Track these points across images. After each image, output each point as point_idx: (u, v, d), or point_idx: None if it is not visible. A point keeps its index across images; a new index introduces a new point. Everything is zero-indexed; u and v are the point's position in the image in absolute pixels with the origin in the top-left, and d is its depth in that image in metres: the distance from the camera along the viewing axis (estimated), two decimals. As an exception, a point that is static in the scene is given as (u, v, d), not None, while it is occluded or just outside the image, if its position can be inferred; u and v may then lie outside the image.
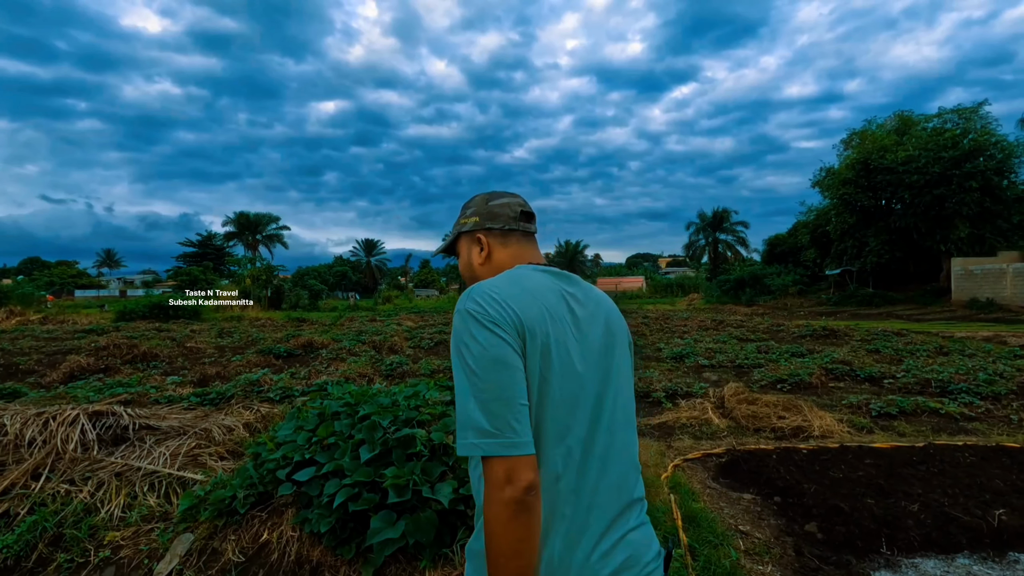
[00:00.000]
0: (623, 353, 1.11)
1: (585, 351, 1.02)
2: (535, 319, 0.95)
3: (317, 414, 2.56)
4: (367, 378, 7.60)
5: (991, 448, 4.27)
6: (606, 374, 1.04)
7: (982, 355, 10.31)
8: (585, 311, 1.06)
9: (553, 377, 0.95)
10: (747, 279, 35.08)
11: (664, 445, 4.59)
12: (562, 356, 0.97)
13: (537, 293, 1.00)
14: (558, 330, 0.98)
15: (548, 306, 0.99)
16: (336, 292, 65.79)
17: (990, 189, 24.93)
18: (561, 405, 0.95)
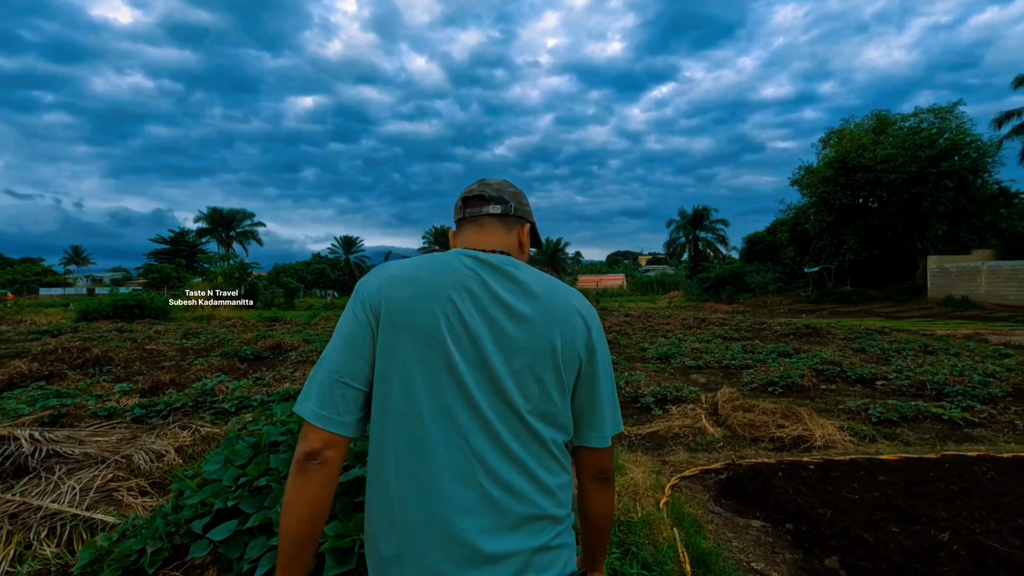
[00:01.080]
0: (544, 348, 0.94)
1: (472, 341, 0.92)
2: (395, 302, 0.92)
3: (252, 444, 2.10)
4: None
5: (1008, 461, 3.97)
6: (494, 382, 0.92)
7: (968, 354, 10.19)
8: (507, 294, 0.95)
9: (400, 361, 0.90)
10: (727, 277, 35.16)
11: (658, 460, 4.20)
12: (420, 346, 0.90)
13: (431, 274, 0.95)
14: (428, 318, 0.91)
15: (428, 291, 0.93)
16: (314, 290, 64.61)
17: (965, 188, 25.22)
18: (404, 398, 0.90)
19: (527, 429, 0.93)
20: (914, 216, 26.24)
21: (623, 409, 6.11)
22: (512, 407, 0.92)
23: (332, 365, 0.92)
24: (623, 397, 6.39)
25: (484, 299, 0.94)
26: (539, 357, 0.94)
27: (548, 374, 0.95)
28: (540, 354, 0.94)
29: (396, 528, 0.89)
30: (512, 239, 1.11)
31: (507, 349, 0.93)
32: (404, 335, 0.90)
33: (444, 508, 0.88)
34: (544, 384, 0.94)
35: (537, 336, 0.94)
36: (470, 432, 0.90)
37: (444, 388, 0.90)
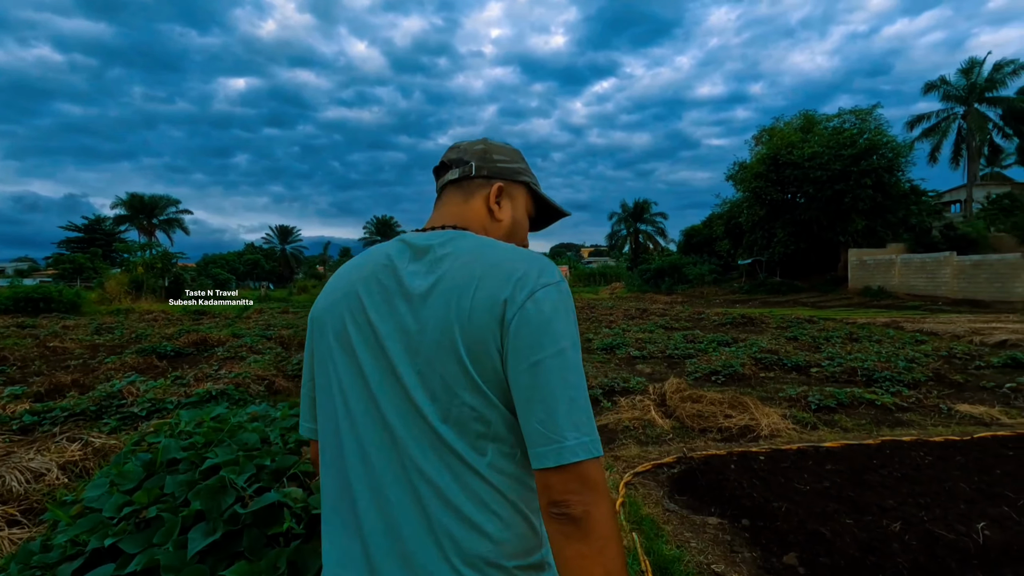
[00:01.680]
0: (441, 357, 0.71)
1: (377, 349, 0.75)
2: (325, 306, 0.83)
3: (145, 462, 1.73)
4: (267, 381, 6.58)
5: (941, 445, 4.09)
6: (399, 386, 0.73)
7: (888, 341, 10.81)
8: (406, 296, 0.75)
9: (320, 371, 0.82)
10: (667, 269, 36.21)
11: (610, 456, 4.06)
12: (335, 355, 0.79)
13: (352, 273, 0.83)
14: (344, 318, 0.79)
15: (349, 289, 0.81)
16: (247, 282, 61.57)
17: (882, 186, 26.99)
18: (324, 408, 0.81)
19: (443, 444, 0.71)
20: (837, 211, 27.84)
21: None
22: (421, 415, 0.71)
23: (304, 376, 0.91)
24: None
25: (391, 289, 0.77)
26: (437, 347, 0.71)
27: (451, 367, 0.70)
28: (437, 344, 0.71)
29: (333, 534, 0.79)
30: (474, 207, 0.88)
31: (409, 344, 0.73)
32: (320, 342, 0.82)
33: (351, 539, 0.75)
34: (447, 382, 0.70)
35: (431, 320, 0.72)
36: (373, 449, 0.73)
37: (353, 398, 0.76)
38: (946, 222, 28.24)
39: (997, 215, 29.99)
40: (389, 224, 77.67)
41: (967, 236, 25.95)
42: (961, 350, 9.22)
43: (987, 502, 3.06)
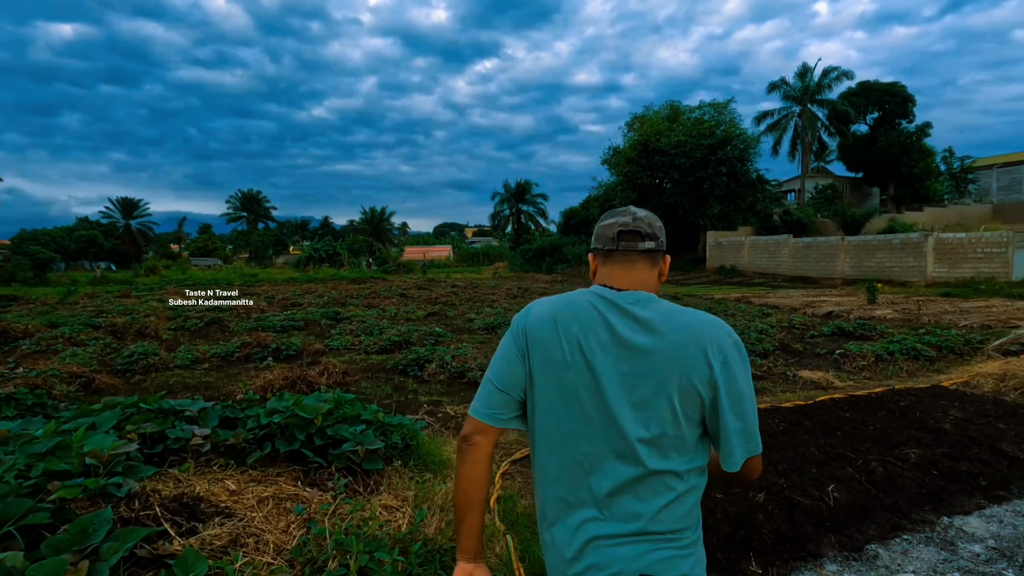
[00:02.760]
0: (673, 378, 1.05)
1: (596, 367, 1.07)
2: (546, 332, 1.12)
3: None
4: (83, 379, 5.48)
5: (791, 410, 4.40)
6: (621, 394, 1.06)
7: (741, 314, 11.90)
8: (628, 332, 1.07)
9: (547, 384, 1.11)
10: (547, 249, 37.23)
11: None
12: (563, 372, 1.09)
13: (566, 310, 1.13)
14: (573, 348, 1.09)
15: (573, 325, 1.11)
16: (81, 262, 53.32)
17: (735, 174, 29.84)
18: (548, 410, 1.11)
19: (634, 456, 1.05)
20: (697, 197, 30.34)
21: (450, 387, 5.71)
22: (623, 435, 1.05)
23: (491, 375, 1.17)
24: (449, 373, 5.97)
25: (606, 338, 1.08)
26: (656, 391, 1.05)
27: (664, 407, 1.04)
28: (657, 388, 1.04)
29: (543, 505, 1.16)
30: (655, 273, 1.19)
31: (625, 382, 1.06)
32: (544, 366, 1.11)
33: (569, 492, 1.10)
34: (660, 416, 1.05)
35: (654, 371, 1.05)
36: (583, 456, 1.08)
37: (569, 413, 1.09)
38: (784, 208, 32.08)
39: (822, 203, 34.73)
40: (255, 198, 71.34)
41: (800, 221, 29.71)
42: (799, 321, 10.36)
43: (834, 464, 3.27)
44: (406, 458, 2.50)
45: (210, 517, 1.56)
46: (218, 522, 1.54)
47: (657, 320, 1.06)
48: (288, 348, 7.70)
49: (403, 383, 5.86)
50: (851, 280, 20.77)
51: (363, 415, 2.49)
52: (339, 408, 2.44)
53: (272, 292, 19.29)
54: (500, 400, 1.13)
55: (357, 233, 59.24)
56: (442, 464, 2.71)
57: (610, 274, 1.16)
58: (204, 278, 30.48)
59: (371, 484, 2.12)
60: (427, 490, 2.04)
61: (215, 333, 9.96)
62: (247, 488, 1.81)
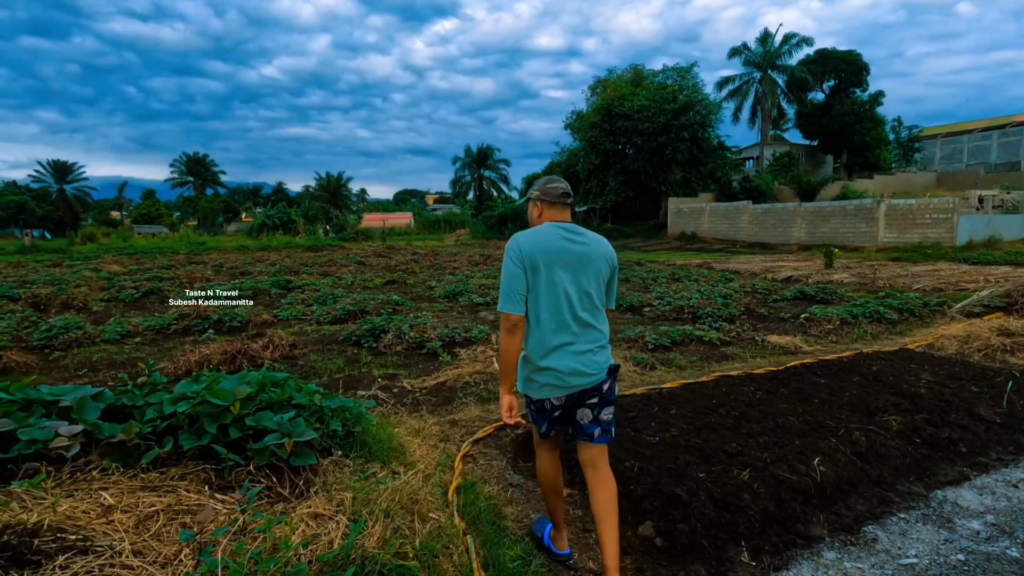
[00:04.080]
0: (598, 267, 2.05)
1: (568, 267, 2.00)
2: (533, 253, 1.97)
3: None
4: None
5: (765, 377, 4.23)
6: (581, 280, 2.02)
7: (704, 280, 11.87)
8: (577, 248, 2.03)
9: (539, 280, 1.97)
10: (509, 215, 36.64)
11: (447, 420, 3.50)
12: (547, 271, 1.97)
13: (543, 239, 2.00)
14: (549, 259, 1.98)
15: (548, 246, 1.99)
16: (11, 230, 49.63)
17: (696, 140, 29.81)
18: (549, 295, 1.98)
19: (592, 304, 2.05)
20: (660, 162, 30.25)
21: (408, 358, 5.32)
22: (588, 295, 2.03)
23: (513, 286, 1.95)
24: (406, 344, 5.58)
25: (571, 247, 2.01)
26: (594, 273, 2.04)
27: (596, 278, 2.05)
28: (594, 271, 2.04)
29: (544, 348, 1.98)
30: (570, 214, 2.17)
31: (580, 270, 2.01)
32: (539, 268, 1.97)
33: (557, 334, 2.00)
34: (598, 283, 2.06)
35: (591, 263, 2.03)
36: (567, 305, 2.00)
37: (556, 292, 1.98)
38: (744, 175, 32.38)
39: (779, 170, 35.22)
40: (203, 162, 67.40)
41: (759, 187, 30.05)
42: (761, 286, 10.38)
43: (816, 435, 3.08)
44: (348, 448, 2.12)
45: (52, 556, 1.15)
46: (62, 563, 1.12)
47: (587, 238, 2.05)
48: (232, 319, 7.12)
49: (357, 355, 5.44)
50: (807, 245, 21.19)
51: (296, 398, 2.08)
52: (265, 391, 2.03)
53: (221, 260, 18.20)
54: (521, 299, 1.94)
55: (313, 199, 57.04)
56: (393, 453, 2.36)
57: (555, 216, 2.09)
58: (147, 246, 28.67)
59: (300, 485, 1.74)
60: (369, 490, 1.69)
61: (152, 304, 9.21)
62: (132, 501, 1.40)
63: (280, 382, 2.18)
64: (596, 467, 2.03)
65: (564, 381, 1.95)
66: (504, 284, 1.95)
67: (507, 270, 1.95)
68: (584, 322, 1.99)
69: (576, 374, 1.95)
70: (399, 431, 2.81)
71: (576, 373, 1.95)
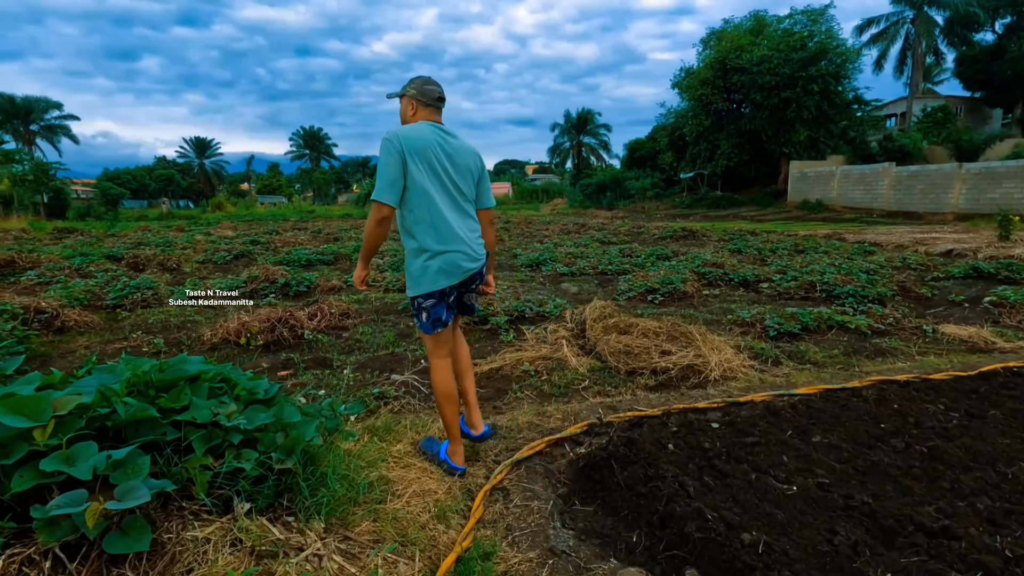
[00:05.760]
0: (467, 164, 2.19)
1: (446, 163, 2.11)
2: (413, 147, 2.04)
3: None
4: (46, 316, 4.73)
5: (952, 386, 2.91)
6: (453, 175, 2.14)
7: (836, 252, 9.95)
8: (450, 147, 2.14)
9: (420, 174, 2.05)
10: (608, 183, 34.83)
11: (488, 423, 2.64)
12: (427, 167, 2.06)
13: (421, 135, 2.07)
14: (429, 155, 2.06)
15: (425, 142, 2.07)
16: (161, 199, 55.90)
17: (828, 94, 25.98)
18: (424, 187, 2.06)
19: (465, 199, 2.20)
20: (781, 121, 26.81)
21: (466, 334, 4.55)
22: (461, 191, 2.17)
23: (391, 175, 2.00)
24: (475, 317, 4.80)
25: (444, 145, 2.12)
26: (466, 170, 2.18)
27: (469, 177, 2.21)
28: (465, 169, 2.18)
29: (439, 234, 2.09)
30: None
31: (455, 168, 2.13)
32: (419, 163, 2.04)
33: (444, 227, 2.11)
34: (469, 181, 2.20)
35: (464, 161, 2.17)
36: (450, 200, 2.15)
37: (438, 185, 2.10)
38: (885, 134, 27.88)
39: (931, 128, 29.97)
40: (317, 136, 71.49)
41: (904, 148, 25.66)
42: (915, 261, 8.38)
43: (1080, 502, 1.84)
44: (277, 493, 1.33)
45: None
46: None
47: (458, 137, 2.22)
48: (300, 283, 6.79)
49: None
50: (965, 215, 17.69)
51: (198, 408, 1.30)
52: (145, 393, 1.28)
53: (322, 227, 18.72)
54: (398, 191, 2.04)
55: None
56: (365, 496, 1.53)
57: (430, 117, 2.21)
58: (264, 214, 30.74)
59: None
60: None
61: (239, 267, 9.25)
62: None
63: (176, 382, 1.39)
64: (456, 331, 2.39)
65: (459, 267, 2.12)
66: (383, 175, 2.00)
67: (386, 162, 2.01)
68: (467, 213, 2.19)
69: (469, 259, 2.14)
70: (399, 447, 2.00)
71: (469, 259, 2.14)
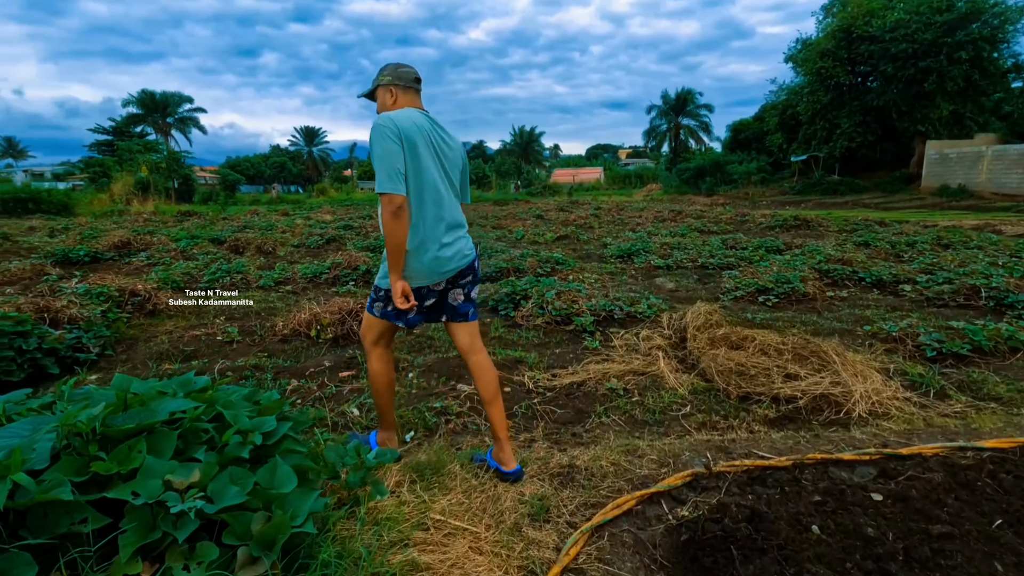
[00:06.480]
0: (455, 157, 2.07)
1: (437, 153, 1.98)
2: (410, 133, 1.87)
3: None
4: (140, 299, 4.86)
5: None
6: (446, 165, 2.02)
7: (993, 248, 8.32)
8: (442, 136, 2.01)
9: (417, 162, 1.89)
10: (708, 167, 32.59)
11: (554, 469, 2.14)
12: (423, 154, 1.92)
13: (415, 121, 1.92)
14: (423, 141, 1.92)
15: (421, 128, 1.93)
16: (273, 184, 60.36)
17: (979, 61, 22.34)
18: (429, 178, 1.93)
19: (455, 191, 2.08)
20: (918, 95, 23.47)
21: (547, 335, 4.06)
22: (452, 182, 2.05)
23: (395, 164, 1.83)
24: (548, 316, 4.32)
25: (438, 134, 2.00)
26: (454, 160, 2.06)
27: (457, 170, 2.08)
28: (456, 160, 2.07)
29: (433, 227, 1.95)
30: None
31: (446, 156, 2.02)
32: (418, 151, 1.90)
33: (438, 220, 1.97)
34: (458, 171, 2.09)
35: (455, 156, 2.07)
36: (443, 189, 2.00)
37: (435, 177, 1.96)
38: (1053, 107, 23.58)
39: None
40: (413, 123, 73.59)
41: (1078, 123, 21.58)
42: (1109, 261, 6.73)
43: None
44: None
45: None
46: None
47: (446, 129, 2.07)
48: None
49: (487, 326, 4.35)
50: None
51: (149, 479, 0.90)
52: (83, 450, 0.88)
53: (411, 212, 19.00)
54: (402, 178, 1.85)
55: (507, 155, 58.51)
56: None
57: (413, 102, 2.06)
58: (363, 199, 32.05)
59: None
60: None
61: (328, 252, 9.40)
62: None
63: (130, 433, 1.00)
64: (476, 352, 2.11)
65: (446, 265, 1.97)
66: (384, 162, 1.83)
67: (384, 148, 1.84)
68: (455, 207, 2.06)
69: (459, 255, 2.01)
70: (443, 503, 1.56)
71: (458, 255, 2.01)
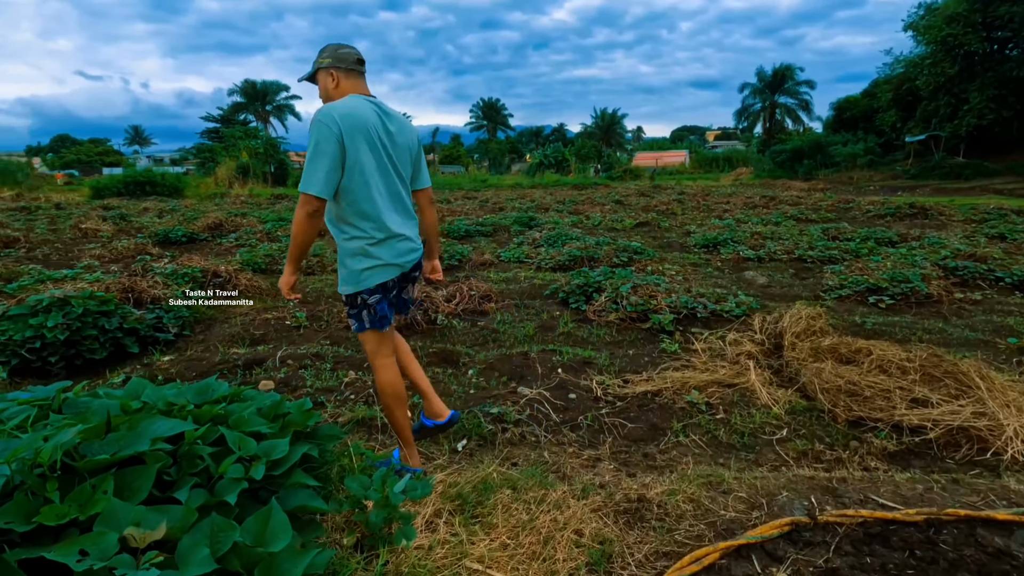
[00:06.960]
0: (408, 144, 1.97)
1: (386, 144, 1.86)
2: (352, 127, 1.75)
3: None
4: (221, 279, 5.02)
5: None
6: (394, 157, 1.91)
7: None
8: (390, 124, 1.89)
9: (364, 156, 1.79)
10: (806, 149, 30.00)
11: (620, 500, 1.85)
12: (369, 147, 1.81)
13: (360, 113, 1.79)
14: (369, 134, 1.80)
15: (366, 121, 1.80)
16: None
17: None
18: (365, 172, 1.80)
19: (403, 182, 1.97)
20: (1072, 63, 20.22)
21: (621, 333, 3.73)
22: (400, 174, 1.94)
23: (327, 163, 1.70)
24: (623, 312, 3.98)
25: (385, 123, 1.87)
26: (406, 148, 1.96)
27: (408, 157, 1.98)
28: (406, 148, 1.96)
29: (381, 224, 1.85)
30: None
31: (395, 150, 1.91)
32: (359, 144, 1.77)
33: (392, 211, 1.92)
34: (407, 162, 1.97)
35: (404, 143, 1.95)
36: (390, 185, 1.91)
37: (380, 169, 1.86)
38: None
39: None
40: (495, 107, 73.70)
41: None
42: None
43: None
44: None
45: None
46: None
47: (394, 114, 1.94)
48: (452, 256, 6.56)
49: (555, 319, 4.08)
50: None
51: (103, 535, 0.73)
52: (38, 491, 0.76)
53: (489, 197, 18.98)
54: (334, 180, 1.74)
55: (588, 138, 57.23)
56: None
57: (356, 87, 1.92)
58: (442, 182, 32.57)
59: None
60: None
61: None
62: None
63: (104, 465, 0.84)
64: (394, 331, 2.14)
65: (403, 258, 1.95)
66: (317, 162, 1.72)
67: (321, 148, 1.72)
68: (405, 197, 2.00)
69: (412, 250, 1.98)
70: (483, 547, 1.30)
71: (412, 249, 1.98)
